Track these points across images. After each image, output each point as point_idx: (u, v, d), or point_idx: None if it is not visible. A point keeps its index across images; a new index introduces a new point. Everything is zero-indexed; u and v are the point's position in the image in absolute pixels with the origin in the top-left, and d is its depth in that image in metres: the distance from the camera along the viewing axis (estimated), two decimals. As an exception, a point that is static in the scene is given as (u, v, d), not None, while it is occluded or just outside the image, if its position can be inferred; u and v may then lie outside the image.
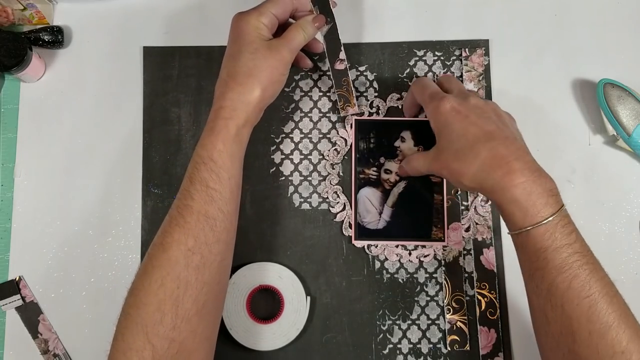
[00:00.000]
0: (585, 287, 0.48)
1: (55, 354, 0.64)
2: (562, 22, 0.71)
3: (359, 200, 0.67)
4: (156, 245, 0.52)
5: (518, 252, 0.54)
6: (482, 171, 0.53)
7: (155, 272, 0.51)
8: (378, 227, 0.66)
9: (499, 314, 0.65)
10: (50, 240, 0.67)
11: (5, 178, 0.68)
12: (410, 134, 0.67)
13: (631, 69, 0.69)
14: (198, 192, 0.53)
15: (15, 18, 0.70)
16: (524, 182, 0.51)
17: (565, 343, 0.49)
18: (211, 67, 0.70)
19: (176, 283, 0.50)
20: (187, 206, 0.53)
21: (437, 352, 0.65)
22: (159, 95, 0.69)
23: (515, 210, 0.51)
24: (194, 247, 0.52)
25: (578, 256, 0.49)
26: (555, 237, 0.50)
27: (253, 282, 0.65)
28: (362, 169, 0.67)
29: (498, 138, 0.53)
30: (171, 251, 0.51)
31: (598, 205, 0.68)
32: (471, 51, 0.70)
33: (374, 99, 0.69)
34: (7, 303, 0.65)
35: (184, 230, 0.52)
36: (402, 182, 0.67)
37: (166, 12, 0.72)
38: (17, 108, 0.69)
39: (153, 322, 0.49)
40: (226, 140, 0.55)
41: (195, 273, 0.51)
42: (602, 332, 0.48)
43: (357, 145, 0.67)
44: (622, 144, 0.67)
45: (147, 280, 0.51)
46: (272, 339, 0.64)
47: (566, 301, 0.49)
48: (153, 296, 0.50)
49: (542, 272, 0.50)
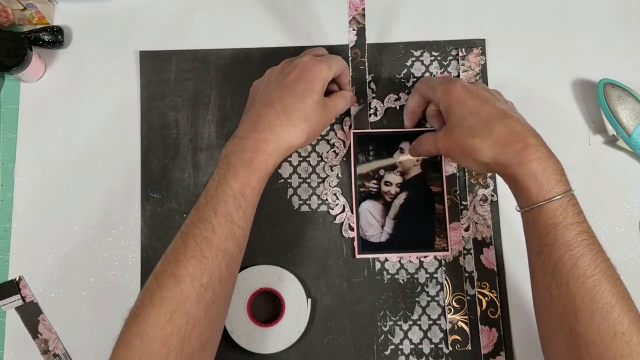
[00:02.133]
0: (592, 266, 0.49)
1: (55, 354, 0.64)
2: (562, 22, 0.71)
3: (360, 214, 0.66)
4: (168, 275, 0.50)
5: (527, 229, 0.54)
6: (498, 145, 0.53)
7: (165, 304, 0.48)
8: (381, 240, 0.66)
9: (500, 313, 0.65)
10: (50, 240, 0.67)
11: (6, 178, 0.68)
12: (409, 145, 0.67)
13: (631, 69, 0.69)
14: (221, 227, 0.51)
15: (15, 18, 0.70)
16: (539, 157, 0.52)
17: (568, 322, 0.50)
18: (208, 71, 0.70)
19: (185, 319, 0.49)
20: (207, 239, 0.51)
21: (439, 352, 0.65)
22: (157, 99, 0.69)
23: (530, 184, 0.52)
24: (208, 284, 0.50)
25: (586, 235, 0.51)
26: (567, 213, 0.51)
27: (254, 285, 0.65)
28: (362, 182, 0.67)
29: (511, 116, 0.55)
30: (184, 285, 0.49)
31: (598, 205, 0.68)
32: (468, 51, 0.70)
33: (372, 100, 0.69)
34: (7, 303, 0.64)
35: (201, 264, 0.50)
36: (403, 194, 0.67)
37: (166, 13, 0.72)
38: (17, 108, 0.69)
39: (157, 357, 0.48)
40: (261, 177, 0.54)
41: (205, 310, 0.50)
42: (604, 312, 0.48)
43: (357, 158, 0.67)
44: (622, 144, 0.67)
45: (155, 312, 0.48)
46: (274, 342, 0.64)
47: (571, 279, 0.49)
48: (160, 330, 0.48)
49: (550, 248, 0.51)
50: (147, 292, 0.50)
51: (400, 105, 0.69)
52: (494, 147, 0.54)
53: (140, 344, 0.48)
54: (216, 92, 0.69)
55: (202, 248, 0.50)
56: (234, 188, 0.52)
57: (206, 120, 0.69)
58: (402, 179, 0.67)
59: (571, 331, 0.49)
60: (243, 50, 0.70)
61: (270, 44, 0.70)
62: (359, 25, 0.67)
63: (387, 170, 0.67)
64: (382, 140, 0.68)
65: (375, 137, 0.68)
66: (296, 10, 0.72)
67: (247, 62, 0.70)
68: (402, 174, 0.67)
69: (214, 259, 0.50)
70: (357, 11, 0.67)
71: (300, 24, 0.71)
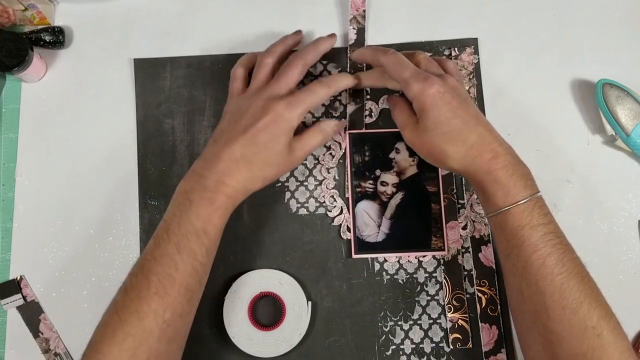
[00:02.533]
0: (559, 264, 0.51)
1: (56, 353, 0.64)
2: (561, 22, 0.71)
3: (357, 214, 0.66)
4: (130, 311, 0.50)
5: (496, 233, 0.56)
6: (469, 155, 0.55)
7: (127, 341, 0.49)
8: (377, 239, 0.66)
9: (499, 311, 0.65)
10: (51, 240, 0.67)
11: (7, 178, 0.68)
12: (404, 145, 0.67)
13: (630, 69, 0.70)
14: (184, 264, 0.52)
15: (16, 18, 0.70)
16: (506, 165, 0.54)
17: (540, 319, 0.51)
18: (203, 77, 0.70)
19: (147, 355, 0.49)
20: (170, 276, 0.51)
21: (440, 351, 0.65)
22: (152, 106, 0.69)
23: (497, 190, 0.54)
24: (170, 320, 0.51)
25: (552, 236, 0.52)
26: (532, 215, 0.53)
27: (254, 290, 0.65)
28: (358, 183, 0.67)
29: (483, 124, 0.56)
30: (147, 321, 0.50)
31: (597, 205, 0.68)
32: (460, 50, 0.70)
33: (367, 101, 0.69)
34: (8, 302, 0.65)
35: (163, 301, 0.51)
36: (399, 194, 0.67)
37: (166, 13, 0.72)
38: (18, 108, 0.69)
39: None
40: (223, 215, 0.56)
41: (166, 345, 0.51)
42: (574, 308, 0.50)
43: (352, 159, 0.67)
44: (620, 144, 0.67)
45: (117, 348, 0.49)
46: (275, 346, 0.64)
47: (540, 278, 0.51)
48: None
49: (518, 249, 0.53)
50: (109, 328, 0.50)
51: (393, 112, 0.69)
52: (466, 157, 0.55)
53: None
54: (211, 98, 0.69)
55: (165, 285, 0.51)
56: (196, 226, 0.53)
57: (202, 126, 0.69)
58: (399, 179, 0.67)
59: (544, 328, 0.51)
60: (237, 55, 0.69)
61: (264, 49, 0.70)
62: (359, 26, 0.67)
63: (383, 170, 0.67)
64: (377, 141, 0.68)
65: (370, 137, 0.68)
66: (291, 14, 0.72)
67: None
68: (398, 174, 0.67)
69: (176, 296, 0.51)
70: (358, 12, 0.68)
71: (296, 28, 0.71)
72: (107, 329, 0.50)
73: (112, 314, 0.51)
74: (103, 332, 0.51)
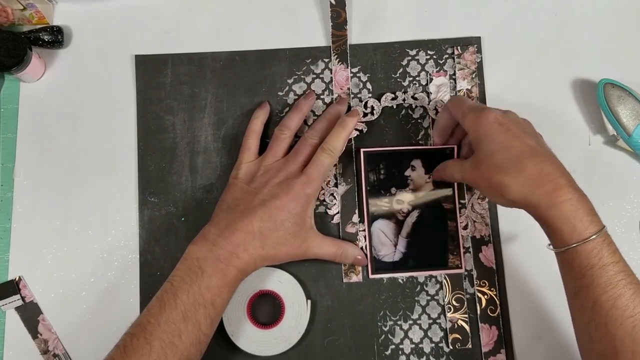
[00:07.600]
0: (630, 306, 0.49)
1: (55, 354, 0.64)
2: (563, 22, 0.71)
3: (372, 233, 0.66)
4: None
5: (562, 269, 0.54)
6: (527, 186, 0.52)
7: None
8: (394, 259, 0.66)
9: (499, 311, 0.65)
10: (50, 240, 0.66)
11: (5, 178, 0.68)
12: (420, 162, 0.66)
13: (631, 69, 0.69)
14: (188, 334, 0.53)
15: (15, 18, 0.70)
16: (570, 198, 0.51)
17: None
18: (204, 74, 0.69)
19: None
20: (172, 344, 0.52)
21: (440, 351, 0.65)
22: (153, 103, 0.69)
23: (563, 227, 0.51)
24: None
25: (623, 275, 0.50)
26: (602, 254, 0.50)
27: (253, 288, 0.65)
28: (374, 201, 0.67)
29: (542, 154, 0.54)
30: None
31: (598, 205, 0.66)
32: (463, 49, 0.70)
33: (368, 99, 0.69)
34: (6, 303, 0.64)
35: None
36: (415, 212, 0.66)
37: (166, 13, 0.72)
38: (16, 108, 0.69)
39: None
40: (232, 289, 0.57)
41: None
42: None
43: (367, 177, 0.67)
44: (622, 144, 0.67)
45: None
46: (274, 344, 0.64)
47: (610, 320, 0.49)
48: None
49: (587, 289, 0.50)
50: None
51: (397, 104, 0.69)
52: (524, 187, 0.52)
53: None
54: (212, 95, 0.69)
55: (166, 353, 0.51)
56: (206, 298, 0.54)
57: (202, 123, 0.69)
58: (414, 197, 0.67)
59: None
60: (238, 52, 0.70)
61: (265, 46, 0.70)
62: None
63: (399, 187, 0.67)
64: (393, 159, 0.67)
65: (385, 155, 0.67)
66: (292, 11, 0.72)
67: (243, 64, 0.70)
68: (414, 192, 0.67)
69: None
70: None
71: (296, 25, 0.70)
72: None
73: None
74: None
